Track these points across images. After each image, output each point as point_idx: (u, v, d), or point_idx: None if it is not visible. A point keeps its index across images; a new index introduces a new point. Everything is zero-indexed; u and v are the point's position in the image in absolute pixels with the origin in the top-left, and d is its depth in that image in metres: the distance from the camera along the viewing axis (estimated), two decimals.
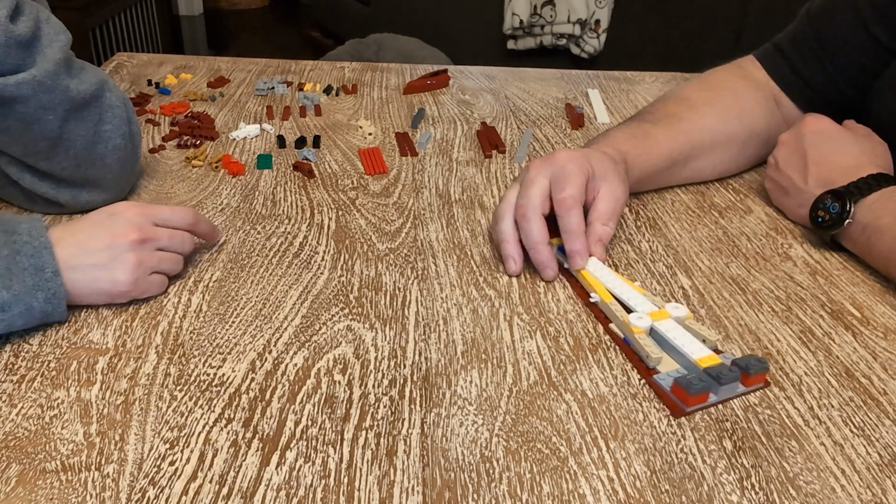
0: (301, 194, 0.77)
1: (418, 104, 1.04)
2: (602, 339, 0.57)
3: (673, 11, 2.66)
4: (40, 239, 0.54)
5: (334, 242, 0.69)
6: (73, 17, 2.36)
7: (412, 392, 0.51)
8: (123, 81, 1.07)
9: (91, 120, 0.66)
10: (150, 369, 0.52)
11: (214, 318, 0.58)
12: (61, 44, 0.64)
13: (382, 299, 0.61)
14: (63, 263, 0.54)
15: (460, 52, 2.29)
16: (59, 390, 0.50)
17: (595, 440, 0.48)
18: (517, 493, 0.44)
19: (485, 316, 0.59)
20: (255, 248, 0.67)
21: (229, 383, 0.51)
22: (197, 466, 0.44)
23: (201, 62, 1.17)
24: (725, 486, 0.45)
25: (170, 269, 0.60)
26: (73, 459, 0.44)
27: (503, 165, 0.86)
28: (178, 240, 0.60)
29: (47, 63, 0.61)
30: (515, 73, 1.20)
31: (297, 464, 0.45)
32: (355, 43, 1.97)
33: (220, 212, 0.73)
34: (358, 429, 0.48)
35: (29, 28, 0.60)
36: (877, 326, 0.59)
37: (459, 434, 0.48)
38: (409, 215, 0.74)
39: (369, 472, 0.45)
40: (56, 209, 0.70)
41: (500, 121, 0.99)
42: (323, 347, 0.55)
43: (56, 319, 0.55)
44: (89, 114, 0.65)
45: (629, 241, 0.71)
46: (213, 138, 0.90)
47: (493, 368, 0.53)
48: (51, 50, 0.62)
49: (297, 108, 1.00)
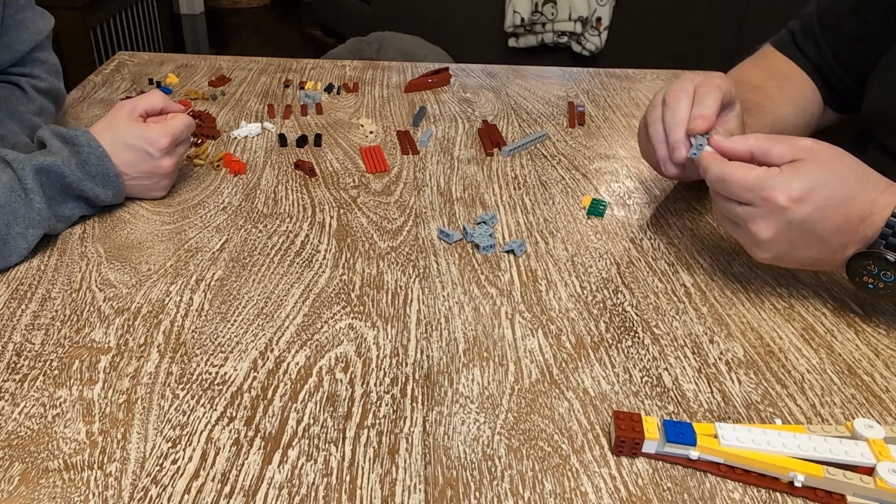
0: (302, 193, 0.77)
1: (419, 102, 1.04)
2: (604, 338, 0.57)
3: (674, 9, 2.65)
4: (99, 149, 0.67)
5: (336, 241, 0.69)
6: (75, 17, 2.37)
7: (414, 390, 0.51)
8: (125, 80, 1.07)
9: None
10: (152, 368, 0.52)
11: (216, 317, 0.58)
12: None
13: (384, 298, 0.61)
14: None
15: (461, 50, 2.29)
16: (62, 389, 0.50)
17: (597, 438, 0.48)
18: (519, 491, 0.44)
19: (486, 314, 0.59)
20: (256, 247, 0.67)
21: (231, 382, 0.51)
22: (199, 465, 0.45)
23: (202, 61, 1.17)
24: (727, 484, 0.45)
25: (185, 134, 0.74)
26: (76, 458, 0.45)
27: (504, 163, 0.86)
28: (184, 124, 0.73)
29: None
30: (517, 70, 1.20)
31: (299, 462, 0.45)
32: (356, 41, 1.97)
33: (222, 210, 0.73)
34: (360, 427, 0.48)
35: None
36: (879, 324, 0.59)
37: (461, 432, 0.48)
38: (410, 213, 0.74)
39: (371, 471, 0.45)
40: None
41: (501, 119, 0.99)
42: (325, 346, 0.55)
43: (120, 201, 0.72)
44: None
45: (631, 241, 0.71)
46: (214, 137, 0.90)
47: (495, 366, 0.53)
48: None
49: (298, 106, 1.00)
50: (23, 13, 0.79)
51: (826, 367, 0.54)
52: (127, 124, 0.70)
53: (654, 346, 0.56)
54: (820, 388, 0.52)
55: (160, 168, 0.71)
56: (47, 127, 0.68)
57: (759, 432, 0.45)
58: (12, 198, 0.62)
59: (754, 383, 0.53)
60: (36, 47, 0.81)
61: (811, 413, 0.50)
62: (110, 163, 0.68)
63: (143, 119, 0.72)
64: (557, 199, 0.78)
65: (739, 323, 0.59)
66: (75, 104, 0.99)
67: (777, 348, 0.56)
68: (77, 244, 0.67)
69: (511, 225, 0.72)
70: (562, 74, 1.18)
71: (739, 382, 0.53)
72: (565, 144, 0.92)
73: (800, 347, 0.56)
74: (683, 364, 0.54)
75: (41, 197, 0.63)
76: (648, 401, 0.51)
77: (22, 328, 0.56)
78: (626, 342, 0.57)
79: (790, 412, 0.50)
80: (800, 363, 0.55)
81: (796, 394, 0.52)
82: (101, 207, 0.72)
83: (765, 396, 0.52)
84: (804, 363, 0.55)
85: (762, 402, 0.51)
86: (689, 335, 0.58)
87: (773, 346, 0.57)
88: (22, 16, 0.79)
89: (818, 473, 0.43)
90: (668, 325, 0.58)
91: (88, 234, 0.68)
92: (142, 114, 0.72)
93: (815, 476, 0.43)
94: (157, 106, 0.74)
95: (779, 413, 0.50)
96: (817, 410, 0.50)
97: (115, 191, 0.70)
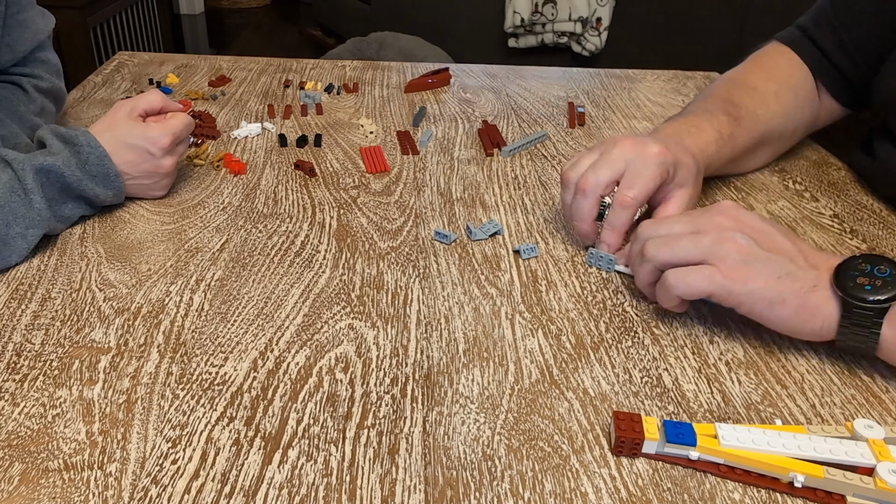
0: (302, 193, 0.77)
1: (419, 102, 1.04)
2: (604, 338, 0.57)
3: (674, 9, 2.65)
4: (99, 149, 0.67)
5: (336, 241, 0.69)
6: (75, 16, 2.37)
7: (414, 390, 0.51)
8: (125, 80, 1.08)
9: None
10: (152, 368, 0.52)
11: (216, 317, 0.58)
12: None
13: (384, 298, 0.61)
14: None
15: (461, 51, 2.29)
16: (62, 389, 0.50)
17: (597, 438, 0.48)
18: (519, 492, 0.44)
19: (486, 314, 0.59)
20: (256, 247, 0.67)
21: (231, 382, 0.51)
22: (199, 465, 0.45)
23: (202, 61, 1.17)
24: (728, 485, 0.45)
25: (185, 133, 0.74)
26: (76, 458, 0.45)
27: (504, 164, 0.86)
28: (183, 123, 0.73)
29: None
30: (517, 71, 1.20)
31: (299, 462, 0.45)
32: (356, 41, 1.98)
33: (222, 210, 0.73)
34: (360, 427, 0.48)
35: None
36: None
37: (461, 432, 0.48)
38: (410, 214, 0.74)
39: (371, 471, 0.45)
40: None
41: (501, 119, 0.99)
42: (325, 346, 0.55)
43: (120, 201, 0.72)
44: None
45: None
46: (214, 137, 0.90)
47: (495, 367, 0.53)
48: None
49: (298, 106, 1.00)
50: (24, 13, 0.79)
51: (826, 368, 0.54)
52: (127, 124, 0.70)
53: (654, 347, 0.56)
54: (820, 389, 0.52)
55: (161, 167, 0.71)
56: (47, 127, 0.68)
57: (759, 433, 0.45)
58: (12, 198, 0.62)
59: (754, 383, 0.53)
60: (37, 47, 0.81)
61: (811, 413, 0.50)
62: (110, 163, 0.68)
63: (142, 119, 0.72)
64: (557, 199, 0.78)
65: (740, 323, 0.59)
66: (75, 104, 0.99)
67: (777, 348, 0.56)
68: (77, 244, 0.67)
69: (511, 225, 0.72)
70: (562, 75, 1.18)
71: (739, 383, 0.53)
72: (565, 145, 0.92)
73: (800, 347, 0.56)
74: (683, 364, 0.54)
75: (41, 197, 0.63)
76: (648, 401, 0.51)
77: (22, 328, 0.56)
78: (626, 342, 0.57)
79: (790, 412, 0.50)
80: (800, 363, 0.55)
81: (796, 394, 0.52)
82: (101, 207, 0.72)
83: (765, 397, 0.52)
84: (804, 363, 0.55)
85: (762, 403, 0.51)
86: (689, 335, 0.58)
87: (773, 345, 0.57)
88: (23, 16, 0.79)
89: (818, 474, 0.43)
90: (668, 326, 0.58)
91: (88, 233, 0.68)
92: (141, 113, 0.72)
93: (815, 476, 0.43)
94: (157, 105, 0.74)
95: (779, 413, 0.50)
96: (817, 411, 0.50)
97: (116, 191, 0.70)
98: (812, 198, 0.80)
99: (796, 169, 0.87)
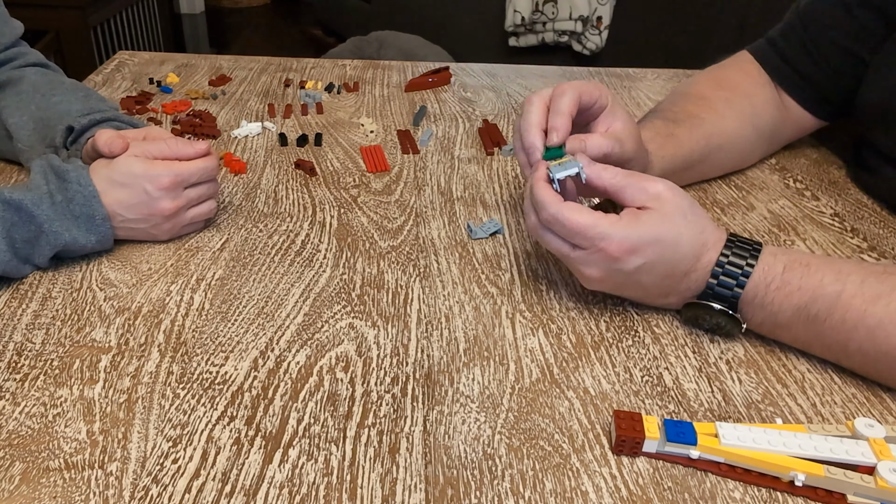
0: (303, 192, 0.77)
1: (420, 102, 1.04)
2: (604, 337, 0.57)
3: (675, 8, 2.65)
4: (89, 188, 0.61)
5: (336, 240, 0.69)
6: (75, 16, 2.37)
7: (414, 389, 0.51)
8: (125, 80, 1.07)
9: None
10: (152, 367, 0.52)
11: (217, 317, 0.58)
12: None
13: (384, 297, 0.61)
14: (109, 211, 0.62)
15: (462, 50, 2.29)
16: (63, 388, 0.50)
17: (597, 437, 0.48)
18: (520, 491, 0.44)
19: (487, 313, 0.59)
20: (257, 247, 0.67)
21: (232, 381, 0.51)
22: (200, 464, 0.45)
23: (203, 60, 1.17)
24: (728, 484, 0.45)
25: (205, 194, 0.67)
26: (77, 457, 0.45)
27: (505, 163, 0.86)
28: (196, 167, 0.65)
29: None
30: (517, 70, 1.20)
31: (299, 461, 0.45)
32: (357, 41, 1.97)
33: (222, 210, 0.73)
34: (360, 426, 0.48)
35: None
36: None
37: (462, 431, 0.48)
38: (410, 213, 0.74)
39: (372, 470, 0.45)
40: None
41: (501, 118, 0.99)
42: (325, 345, 0.55)
43: (106, 248, 0.65)
44: None
45: None
46: (214, 136, 0.90)
47: (496, 366, 0.53)
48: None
49: (298, 105, 1.00)
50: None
51: (827, 366, 0.54)
52: (128, 160, 0.63)
53: (655, 346, 0.56)
54: (820, 388, 0.52)
55: (157, 209, 0.63)
56: (45, 157, 0.63)
57: (760, 432, 0.45)
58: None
59: (755, 382, 0.53)
60: (11, 45, 0.80)
61: (812, 412, 0.50)
62: (98, 204, 0.61)
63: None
64: None
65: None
66: None
67: (778, 347, 0.56)
68: None
69: (511, 224, 0.72)
70: (562, 74, 1.18)
71: (740, 382, 0.53)
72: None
73: None
74: (684, 363, 0.54)
75: (3, 237, 0.57)
76: (649, 400, 0.51)
77: (23, 327, 0.56)
78: (627, 341, 0.57)
79: (791, 411, 0.50)
80: (800, 362, 0.55)
81: (797, 393, 0.52)
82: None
83: (765, 396, 0.52)
84: (805, 362, 0.55)
85: (763, 402, 0.51)
86: (689, 334, 0.58)
87: (773, 344, 0.57)
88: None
89: (819, 473, 0.43)
90: (668, 325, 0.58)
91: None
92: (154, 157, 0.65)
93: (816, 475, 0.43)
94: (169, 155, 0.65)
95: (779, 412, 0.50)
96: (818, 410, 0.50)
97: (100, 237, 0.62)
98: (812, 196, 0.80)
99: (797, 167, 0.87)
